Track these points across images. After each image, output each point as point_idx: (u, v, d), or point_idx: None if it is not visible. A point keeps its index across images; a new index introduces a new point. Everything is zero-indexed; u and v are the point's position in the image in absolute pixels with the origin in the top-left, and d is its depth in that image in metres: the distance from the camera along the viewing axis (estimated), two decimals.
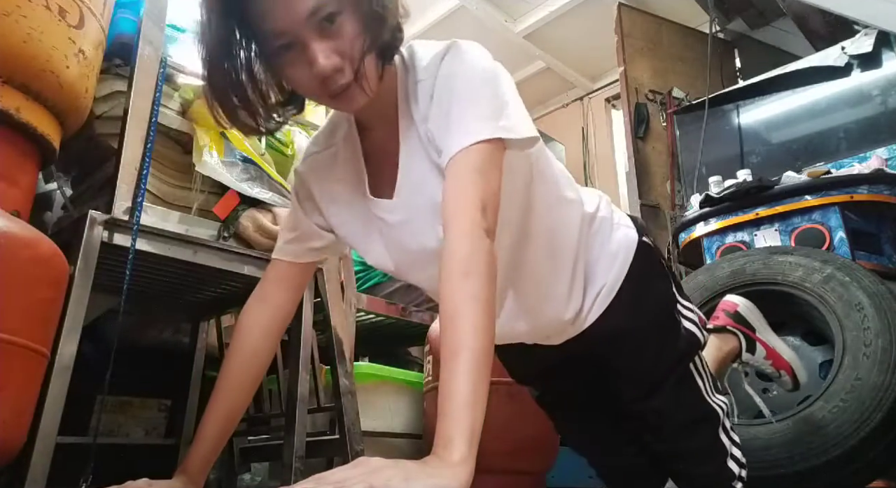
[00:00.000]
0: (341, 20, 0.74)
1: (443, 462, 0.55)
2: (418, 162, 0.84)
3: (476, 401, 0.59)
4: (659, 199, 3.20)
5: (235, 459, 2.08)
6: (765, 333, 1.50)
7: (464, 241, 0.68)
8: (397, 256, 0.92)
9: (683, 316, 1.06)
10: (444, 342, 0.63)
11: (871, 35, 2.34)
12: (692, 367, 1.04)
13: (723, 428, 1.04)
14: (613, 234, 1.03)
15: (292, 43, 0.74)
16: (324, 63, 0.73)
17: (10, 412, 1.08)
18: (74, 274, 1.29)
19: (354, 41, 0.75)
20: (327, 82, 0.75)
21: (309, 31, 0.73)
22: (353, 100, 0.79)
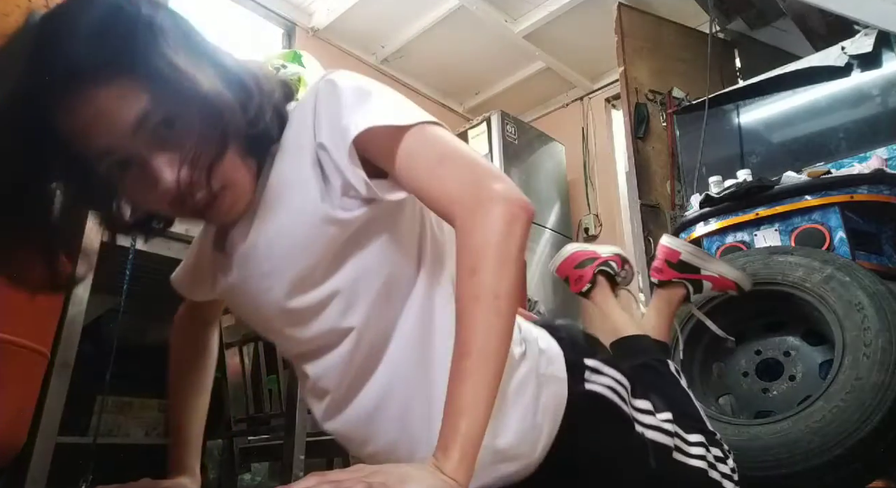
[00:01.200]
0: (181, 125, 0.61)
1: (438, 468, 0.55)
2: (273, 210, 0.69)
3: (478, 406, 0.57)
4: (659, 199, 3.20)
5: (235, 459, 2.08)
6: (708, 266, 1.52)
7: (471, 233, 0.61)
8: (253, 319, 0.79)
9: (646, 428, 0.90)
10: (455, 342, 0.61)
11: (871, 35, 2.34)
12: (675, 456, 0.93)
13: (710, 467, 0.96)
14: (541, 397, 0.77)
15: (127, 159, 0.61)
16: (169, 179, 0.60)
17: (10, 412, 1.08)
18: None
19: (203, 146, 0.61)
20: (183, 199, 0.63)
21: (142, 143, 0.61)
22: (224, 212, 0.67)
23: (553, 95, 4.83)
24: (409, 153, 0.65)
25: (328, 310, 0.70)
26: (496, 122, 3.96)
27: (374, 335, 0.71)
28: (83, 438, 1.64)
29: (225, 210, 0.67)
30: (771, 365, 1.72)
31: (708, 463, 0.97)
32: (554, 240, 4.04)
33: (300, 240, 0.67)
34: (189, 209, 0.65)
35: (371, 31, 4.18)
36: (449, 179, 0.64)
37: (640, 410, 0.91)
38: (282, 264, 0.69)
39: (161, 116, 0.61)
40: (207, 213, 0.67)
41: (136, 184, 0.63)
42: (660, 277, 1.52)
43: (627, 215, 3.75)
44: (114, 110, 0.59)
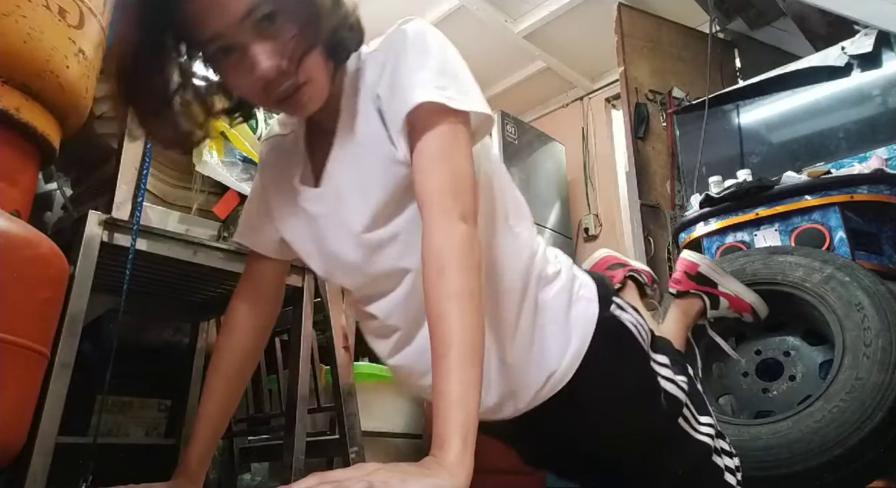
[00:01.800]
0: (282, 20, 0.70)
1: (439, 462, 0.55)
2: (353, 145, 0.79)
3: (469, 399, 0.58)
4: (659, 199, 3.20)
5: (235, 459, 2.08)
6: (725, 283, 1.53)
7: (436, 235, 0.66)
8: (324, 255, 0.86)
9: (661, 377, 0.95)
10: (432, 339, 0.63)
11: (871, 35, 2.34)
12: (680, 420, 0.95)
13: (714, 451, 0.98)
14: (571, 310, 0.88)
15: (231, 46, 0.70)
16: (266, 65, 0.69)
17: (10, 412, 1.08)
18: (74, 274, 1.29)
19: (298, 40, 0.70)
20: (272, 86, 0.71)
21: (247, 32, 0.69)
22: (302, 104, 0.75)
23: (553, 95, 4.83)
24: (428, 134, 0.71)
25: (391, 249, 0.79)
26: (496, 121, 3.96)
27: None
28: (83, 438, 1.64)
29: (303, 103, 0.75)
30: (771, 365, 1.72)
31: (713, 447, 0.98)
32: (554, 240, 4.04)
33: (377, 175, 0.76)
34: (274, 97, 0.73)
35: (371, 31, 4.11)
36: (436, 179, 0.70)
37: (658, 361, 0.97)
38: (360, 196, 0.77)
39: (266, 10, 0.69)
40: (287, 103, 0.74)
41: (235, 70, 0.72)
42: (678, 287, 1.54)
43: (627, 215, 3.75)
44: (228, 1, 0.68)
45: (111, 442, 1.90)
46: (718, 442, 1.00)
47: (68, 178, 1.79)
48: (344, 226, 0.80)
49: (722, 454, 1.00)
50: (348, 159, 0.80)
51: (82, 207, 1.53)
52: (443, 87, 0.72)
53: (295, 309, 1.75)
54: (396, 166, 0.75)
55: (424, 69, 0.73)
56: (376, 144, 0.77)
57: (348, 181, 0.79)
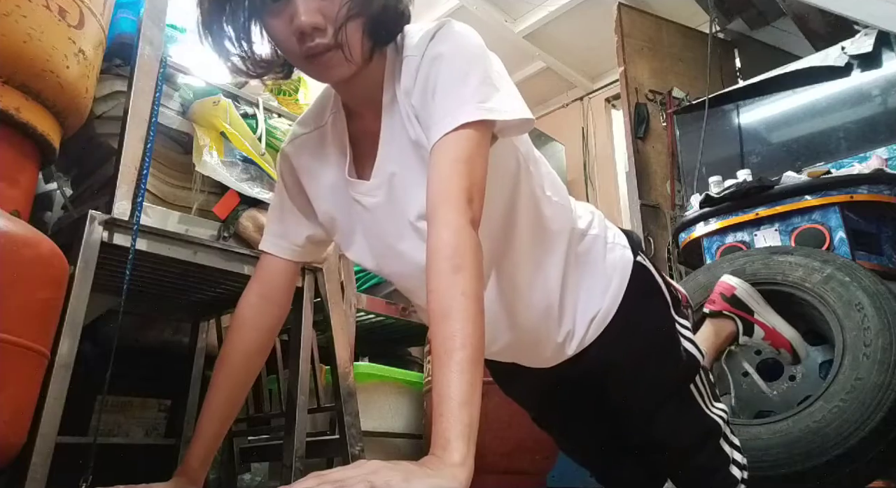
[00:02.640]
0: None
1: (442, 462, 0.55)
2: (399, 141, 0.81)
3: (471, 400, 0.58)
4: (659, 199, 3.20)
5: (235, 459, 2.08)
6: (764, 314, 1.51)
7: (450, 234, 0.66)
8: (376, 245, 0.89)
9: (682, 336, 1.02)
10: (435, 339, 0.62)
11: (871, 35, 2.34)
12: (692, 387, 1.01)
13: (724, 437, 1.02)
14: (608, 256, 0.98)
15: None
16: (304, 18, 0.72)
17: (10, 412, 1.08)
18: (74, 274, 1.29)
19: (342, 4, 0.73)
20: (304, 40, 0.73)
21: None
22: (331, 66, 0.76)
23: (553, 95, 4.83)
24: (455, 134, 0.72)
25: None
26: None
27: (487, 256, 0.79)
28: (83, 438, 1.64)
29: (330, 65, 0.76)
30: (771, 365, 1.72)
31: (723, 433, 1.01)
32: None
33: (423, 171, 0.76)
34: (304, 51, 0.75)
35: None
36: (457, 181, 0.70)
37: (681, 323, 1.04)
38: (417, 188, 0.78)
39: None
40: (315, 63, 0.76)
41: (277, 16, 0.75)
42: (711, 307, 1.52)
43: (627, 215, 3.75)
44: None
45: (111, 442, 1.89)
46: (729, 434, 1.03)
47: (68, 178, 1.79)
48: (399, 215, 0.83)
49: (732, 446, 1.02)
50: (396, 151, 0.82)
51: (82, 207, 1.53)
52: (484, 99, 0.73)
53: (295, 309, 1.75)
54: None
55: (465, 84, 0.74)
56: (420, 139, 0.79)
57: (400, 172, 0.81)
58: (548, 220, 0.93)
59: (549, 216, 0.93)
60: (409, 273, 0.89)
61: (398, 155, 0.82)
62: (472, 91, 0.74)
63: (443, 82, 0.75)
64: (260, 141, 1.72)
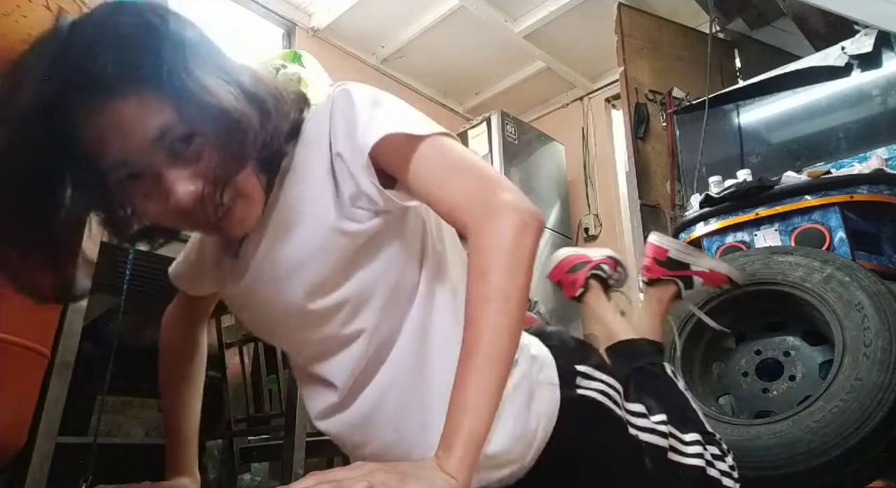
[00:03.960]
0: (199, 142, 0.61)
1: (440, 465, 0.55)
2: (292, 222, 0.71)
3: (482, 407, 0.58)
4: (659, 199, 3.20)
5: (235, 459, 2.08)
6: (697, 262, 1.50)
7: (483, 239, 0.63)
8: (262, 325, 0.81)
9: (641, 431, 0.89)
10: (462, 343, 0.61)
11: (871, 35, 2.34)
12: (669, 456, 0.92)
13: (709, 466, 0.96)
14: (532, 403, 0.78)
15: (141, 172, 0.61)
16: (182, 194, 0.60)
17: (10, 412, 1.08)
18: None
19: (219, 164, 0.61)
20: (193, 214, 0.63)
21: (159, 156, 0.60)
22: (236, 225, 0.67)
23: (553, 95, 4.83)
24: (422, 161, 0.66)
25: (341, 314, 0.72)
26: (496, 122, 3.95)
27: (381, 338, 0.74)
28: (83, 438, 1.64)
29: (236, 223, 0.67)
30: (771, 365, 1.72)
31: (706, 461, 0.97)
32: (554, 240, 4.04)
33: (315, 250, 0.69)
34: (198, 223, 0.65)
35: (371, 31, 4.18)
36: (460, 188, 0.65)
37: (633, 413, 0.91)
38: (299, 271, 0.70)
39: (180, 132, 0.60)
40: (217, 227, 0.66)
41: (147, 197, 0.63)
42: (649, 275, 1.51)
43: (627, 215, 3.75)
44: (134, 123, 0.59)
45: (111, 442, 1.89)
46: (709, 451, 0.98)
47: None
48: (282, 298, 0.73)
49: (714, 461, 0.99)
50: (285, 236, 0.71)
51: None
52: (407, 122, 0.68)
53: None
54: (341, 238, 0.69)
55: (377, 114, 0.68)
56: (320, 218, 0.69)
57: (285, 257, 0.71)
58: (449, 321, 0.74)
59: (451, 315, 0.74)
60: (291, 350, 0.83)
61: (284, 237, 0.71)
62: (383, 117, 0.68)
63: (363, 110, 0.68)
64: None
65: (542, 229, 0.65)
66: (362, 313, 0.72)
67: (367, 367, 0.74)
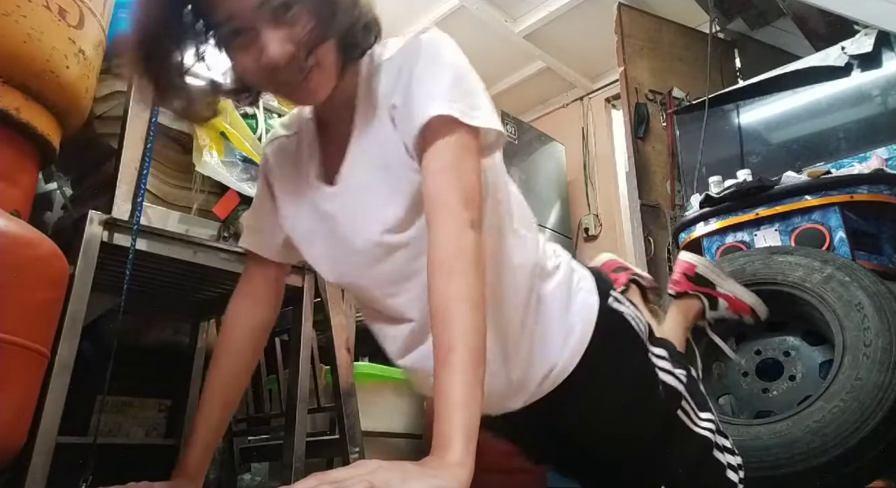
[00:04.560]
0: (297, 10, 0.71)
1: (441, 462, 0.55)
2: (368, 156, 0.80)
3: (471, 400, 0.59)
4: (659, 199, 3.20)
5: (235, 459, 2.08)
6: (724, 285, 1.53)
7: (447, 238, 0.67)
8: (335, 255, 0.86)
9: (659, 369, 0.96)
10: (436, 342, 0.63)
11: (871, 35, 2.34)
12: (678, 413, 0.97)
13: (715, 447, 0.99)
14: (571, 304, 0.90)
15: (243, 28, 0.71)
16: (275, 51, 0.70)
17: (10, 412, 1.08)
18: (74, 274, 1.29)
19: (311, 30, 0.71)
20: (279, 73, 0.72)
21: (261, 17, 0.70)
22: (309, 93, 0.75)
23: (553, 95, 4.83)
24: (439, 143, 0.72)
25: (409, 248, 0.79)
26: None
27: None
28: (83, 438, 1.64)
29: (310, 89, 0.75)
30: (771, 365, 1.72)
31: (714, 443, 0.99)
32: (554, 240, 4.03)
33: (395, 181, 0.77)
34: (281, 83, 0.74)
35: None
36: (446, 186, 0.70)
37: (656, 354, 0.98)
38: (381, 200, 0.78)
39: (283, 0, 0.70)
40: (293, 90, 0.75)
41: (244, 52, 0.73)
42: (677, 289, 1.54)
43: (627, 215, 3.75)
44: None
45: (111, 442, 1.90)
46: (720, 439, 1.01)
47: (68, 178, 1.79)
48: (360, 225, 0.80)
49: (724, 451, 1.01)
50: (366, 160, 0.80)
51: (82, 207, 1.53)
52: (455, 100, 0.73)
53: (295, 309, 1.75)
54: (413, 173, 0.75)
55: (439, 82, 0.74)
56: (394, 150, 0.77)
57: (367, 181, 0.79)
58: (510, 252, 0.86)
59: (512, 248, 0.87)
60: (361, 285, 0.87)
61: (364, 169, 0.80)
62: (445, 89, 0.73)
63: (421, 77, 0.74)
64: (260, 141, 1.73)
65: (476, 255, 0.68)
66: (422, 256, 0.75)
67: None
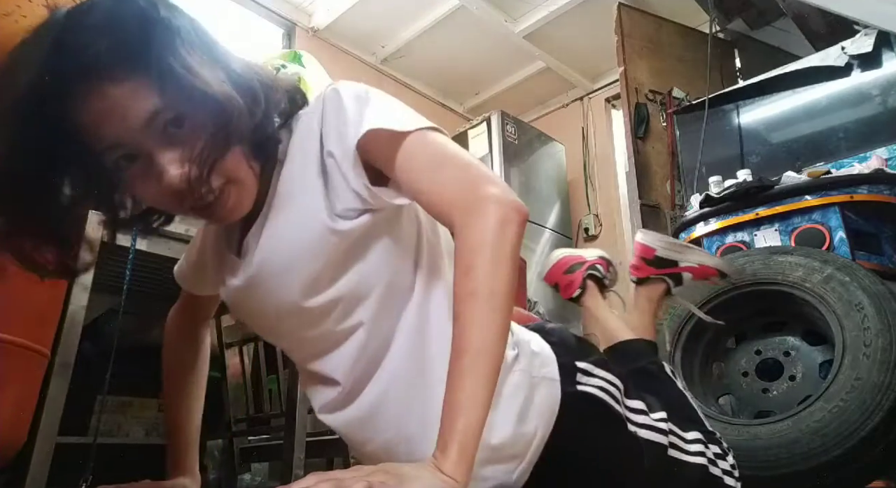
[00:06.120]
0: (188, 125, 0.63)
1: (437, 466, 0.55)
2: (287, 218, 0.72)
3: (471, 407, 0.58)
4: (659, 199, 3.20)
5: (235, 459, 2.08)
6: (686, 257, 1.48)
7: (468, 235, 0.63)
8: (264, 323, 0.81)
9: (640, 428, 0.89)
10: (452, 341, 0.61)
11: (871, 35, 2.34)
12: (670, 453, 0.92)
13: (711, 464, 0.97)
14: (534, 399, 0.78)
15: (134, 154, 0.63)
16: (173, 174, 0.62)
17: (10, 412, 1.08)
18: None
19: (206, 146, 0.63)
20: (183, 195, 0.64)
21: (151, 138, 0.62)
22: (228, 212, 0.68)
23: (553, 95, 4.83)
24: (408, 157, 0.67)
25: (336, 311, 0.73)
26: (496, 122, 3.96)
27: (377, 335, 0.74)
28: (83, 438, 1.64)
29: (229, 208, 0.69)
30: (771, 365, 1.72)
31: (708, 460, 0.97)
32: (554, 240, 4.04)
33: (307, 247, 0.70)
34: (191, 206, 0.67)
35: (371, 31, 4.18)
36: (446, 183, 0.66)
37: (633, 410, 0.91)
38: (292, 269, 0.71)
39: (171, 115, 0.62)
40: (210, 211, 0.68)
41: (141, 179, 0.65)
42: (638, 274, 1.50)
43: (627, 215, 3.76)
44: (126, 106, 0.61)
45: (111, 442, 1.90)
46: (711, 450, 0.99)
47: None
48: (277, 296, 0.73)
49: (717, 460, 0.99)
50: (278, 232, 0.72)
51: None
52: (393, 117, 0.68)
53: None
54: (332, 236, 0.69)
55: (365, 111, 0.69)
56: (312, 215, 0.70)
57: (278, 254, 0.72)
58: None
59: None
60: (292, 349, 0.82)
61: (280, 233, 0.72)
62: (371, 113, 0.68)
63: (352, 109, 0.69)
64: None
65: (524, 221, 0.65)
66: (358, 310, 0.73)
67: (368, 364, 0.74)
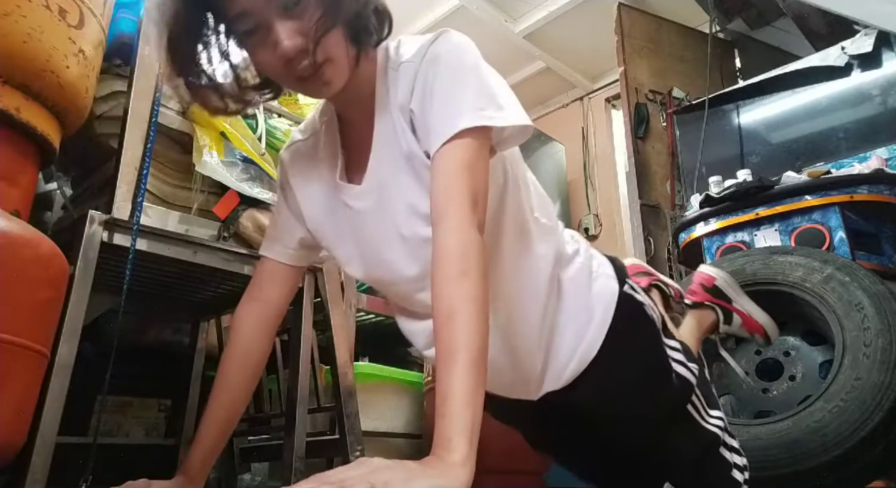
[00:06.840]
0: (306, 2, 0.74)
1: (443, 462, 0.55)
2: (391, 150, 0.82)
3: (474, 401, 0.59)
4: (659, 199, 3.20)
5: (235, 459, 2.08)
6: (740, 301, 1.52)
7: (457, 239, 0.68)
8: (364, 251, 0.88)
9: (673, 360, 0.99)
10: (439, 341, 0.63)
11: (871, 35, 2.34)
12: (688, 407, 0.98)
13: (723, 444, 1.00)
14: (592, 286, 0.94)
15: (257, 25, 0.74)
16: (287, 44, 0.72)
17: (10, 412, 1.08)
18: (74, 274, 1.29)
19: (318, 20, 0.73)
20: (292, 64, 0.74)
21: (272, 11, 0.73)
22: (323, 83, 0.77)
23: (553, 95, 4.83)
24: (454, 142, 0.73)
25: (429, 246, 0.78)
26: None
27: None
28: (83, 438, 1.64)
29: (324, 81, 0.77)
30: (771, 365, 1.73)
31: (722, 441, 1.00)
32: None
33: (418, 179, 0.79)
34: (295, 75, 0.76)
35: None
36: (458, 186, 0.72)
37: (670, 346, 1.00)
38: (406, 197, 0.80)
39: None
40: (310, 83, 0.77)
41: (260, 47, 0.76)
42: (693, 298, 1.52)
43: (627, 215, 3.75)
44: None
45: (111, 442, 1.89)
46: (728, 439, 1.02)
47: (68, 178, 1.79)
48: (389, 221, 0.82)
49: (731, 450, 1.02)
50: (388, 158, 0.82)
51: (82, 207, 1.53)
52: (482, 107, 0.74)
53: (295, 309, 1.75)
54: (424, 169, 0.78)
55: (464, 96, 0.75)
56: (412, 150, 0.79)
57: (390, 181, 0.82)
58: (532, 241, 0.90)
59: (534, 236, 0.90)
60: (391, 280, 0.88)
61: (389, 163, 0.82)
62: (471, 97, 0.75)
63: (441, 88, 0.76)
64: (260, 141, 1.72)
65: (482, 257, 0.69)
66: None
67: None
